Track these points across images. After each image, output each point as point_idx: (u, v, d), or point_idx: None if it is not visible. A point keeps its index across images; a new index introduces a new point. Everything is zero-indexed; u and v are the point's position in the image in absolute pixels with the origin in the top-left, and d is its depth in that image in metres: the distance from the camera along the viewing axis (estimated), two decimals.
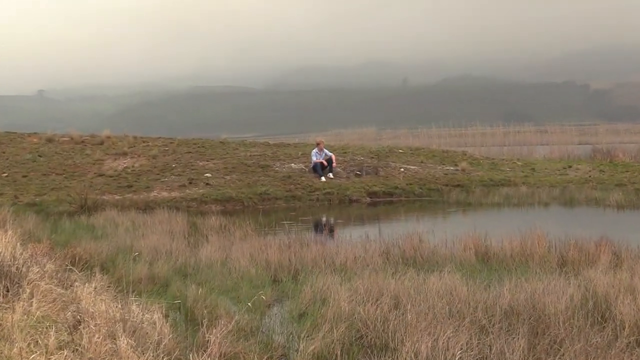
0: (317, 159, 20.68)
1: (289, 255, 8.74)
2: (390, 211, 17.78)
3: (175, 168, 20.93)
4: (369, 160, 22.74)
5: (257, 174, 20.42)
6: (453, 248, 9.14)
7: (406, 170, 21.87)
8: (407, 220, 14.72)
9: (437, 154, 25.89)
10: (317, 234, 12.03)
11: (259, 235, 10.86)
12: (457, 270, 7.52)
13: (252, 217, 13.53)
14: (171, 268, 8.51)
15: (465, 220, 14.62)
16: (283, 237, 10.22)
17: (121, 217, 13.71)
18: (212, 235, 10.99)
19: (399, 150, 25.95)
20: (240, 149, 24.21)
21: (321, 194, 18.92)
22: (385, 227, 13.59)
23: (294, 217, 15.57)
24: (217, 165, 21.21)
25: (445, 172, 22.03)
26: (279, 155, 22.87)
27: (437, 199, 18.92)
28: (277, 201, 18.45)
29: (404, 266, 8.10)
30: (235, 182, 19.53)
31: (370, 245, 9.36)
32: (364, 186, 19.60)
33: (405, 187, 19.74)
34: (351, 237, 10.67)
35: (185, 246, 9.96)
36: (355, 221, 15.06)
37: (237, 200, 18.14)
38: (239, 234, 11.00)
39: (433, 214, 16.48)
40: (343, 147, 26.75)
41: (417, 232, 9.71)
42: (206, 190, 18.74)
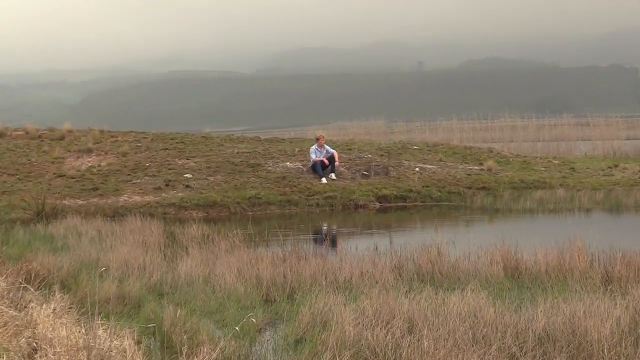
0: (316, 157, 20.70)
1: (283, 270, 8.73)
2: (403, 218, 17.75)
3: (149, 168, 20.94)
4: (378, 158, 22.75)
5: (246, 175, 20.44)
6: (477, 262, 9.13)
7: (422, 170, 21.89)
8: (423, 229, 14.72)
9: (459, 150, 25.91)
10: (317, 245, 12.03)
11: (248, 247, 10.86)
12: (482, 288, 7.51)
13: (241, 225, 13.53)
14: (144, 286, 8.50)
15: (491, 229, 14.60)
16: (277, 249, 10.21)
17: (85, 225, 13.70)
18: (193, 246, 10.98)
19: (414, 147, 25.95)
20: (226, 145, 24.23)
21: (322, 198, 18.93)
22: (397, 237, 13.56)
23: (290, 226, 15.57)
24: (198, 164, 21.23)
25: (468, 172, 22.06)
26: (271, 152, 22.90)
27: (459, 204, 18.93)
28: (269, 206, 18.46)
29: (420, 283, 8.09)
30: (220, 184, 19.54)
31: (379, 258, 9.36)
32: (372, 189, 19.62)
33: (421, 190, 19.76)
34: (357, 249, 10.65)
35: (161, 260, 9.96)
36: (362, 230, 15.08)
37: (222, 206, 18.14)
38: (224, 245, 11.00)
39: (454, 221, 16.47)
40: (347, 142, 26.77)
41: (435, 243, 9.71)
42: (186, 193, 18.75)
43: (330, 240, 13.60)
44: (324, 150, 20.96)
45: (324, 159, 20.65)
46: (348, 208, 18.79)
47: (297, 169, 21.10)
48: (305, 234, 14.29)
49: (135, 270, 9.25)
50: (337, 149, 22.71)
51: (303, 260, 9.25)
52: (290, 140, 26.83)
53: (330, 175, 20.52)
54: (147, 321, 6.90)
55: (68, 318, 6.22)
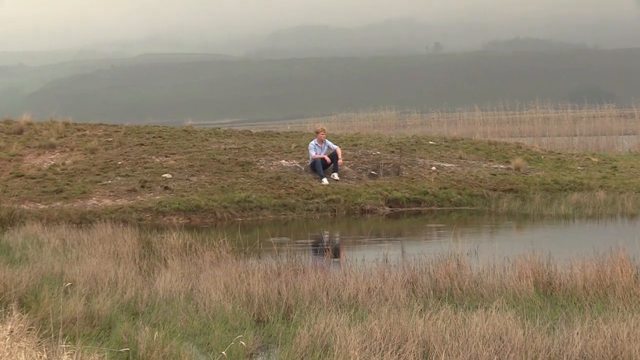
0: (317, 154, 20.72)
1: (278, 285, 8.74)
2: (417, 225, 17.74)
3: (122, 166, 20.96)
4: (388, 155, 22.77)
5: (234, 175, 20.45)
6: (504, 276, 9.14)
7: (439, 169, 21.90)
8: (440, 238, 14.72)
9: (482, 146, 25.90)
10: (318, 256, 12.02)
11: (237, 259, 10.86)
12: (509, 306, 7.51)
13: (228, 233, 13.54)
14: (116, 303, 8.51)
15: (520, 238, 14.60)
16: (270, 261, 10.22)
17: (47, 233, 13.70)
18: (173, 258, 10.99)
19: (430, 142, 25.95)
20: (211, 140, 24.24)
21: (322, 202, 18.94)
22: (410, 247, 13.56)
23: (286, 234, 15.58)
24: (179, 162, 21.25)
25: (492, 171, 22.07)
26: (264, 148, 22.91)
27: (482, 208, 18.93)
28: (262, 211, 18.46)
29: (437, 301, 8.10)
30: (204, 186, 19.55)
31: (389, 272, 9.36)
32: (382, 191, 19.62)
33: (438, 193, 19.76)
34: (364, 261, 10.66)
35: (135, 273, 9.96)
36: (370, 239, 15.09)
37: (206, 211, 18.15)
38: (209, 256, 11.01)
39: (476, 229, 16.46)
40: (352, 137, 26.75)
41: (455, 255, 9.71)
42: (165, 196, 18.77)
43: (333, 251, 13.61)
44: (325, 146, 20.97)
45: (325, 156, 20.66)
46: (353, 213, 18.78)
47: (294, 168, 21.11)
48: (303, 243, 14.28)
49: (106, 285, 9.26)
50: (340, 144, 22.69)
51: (301, 274, 9.25)
52: (286, 135, 26.83)
53: (333, 175, 20.53)
54: (119, 345, 6.90)
55: (27, 341, 6.22)
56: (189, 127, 27.02)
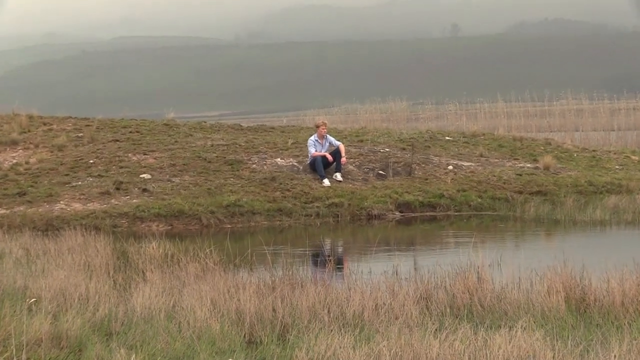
0: (317, 151, 20.74)
1: (273, 301, 8.74)
2: (431, 233, 17.73)
3: (94, 165, 20.97)
4: (399, 152, 22.78)
5: (222, 175, 20.46)
6: (531, 291, 9.14)
7: (457, 168, 21.91)
8: (458, 248, 14.71)
9: (506, 142, 25.91)
10: (318, 268, 12.02)
11: (225, 271, 10.86)
12: (537, 325, 7.50)
13: (216, 242, 13.54)
14: (88, 322, 8.50)
15: (549, 248, 14.59)
16: (264, 274, 10.22)
17: (8, 242, 13.69)
18: (153, 270, 10.99)
19: (446, 138, 25.96)
20: (196, 135, 24.26)
21: (323, 206, 18.95)
22: (424, 258, 13.55)
23: (282, 242, 15.57)
24: (160, 160, 21.26)
25: (518, 171, 22.08)
26: (257, 145, 22.93)
27: (506, 213, 18.93)
28: (254, 217, 18.47)
29: (454, 319, 8.09)
30: (188, 188, 19.57)
31: (400, 286, 9.36)
32: (391, 193, 19.64)
33: (455, 196, 19.77)
34: (371, 274, 10.65)
35: (110, 288, 9.96)
36: (378, 249, 15.08)
37: (191, 216, 18.16)
38: (194, 268, 11.01)
39: (499, 237, 16.45)
40: (358, 132, 26.77)
41: (475, 266, 9.71)
42: (143, 200, 18.78)
43: (335, 262, 13.60)
44: (326, 143, 20.98)
45: (327, 154, 20.67)
46: (359, 219, 18.78)
47: (291, 168, 21.11)
48: (301, 253, 14.28)
49: (76, 302, 9.25)
50: (343, 140, 22.69)
51: (299, 289, 9.25)
52: (282, 129, 26.84)
53: (335, 175, 20.54)
54: None
55: None
56: (170, 120, 27.03)
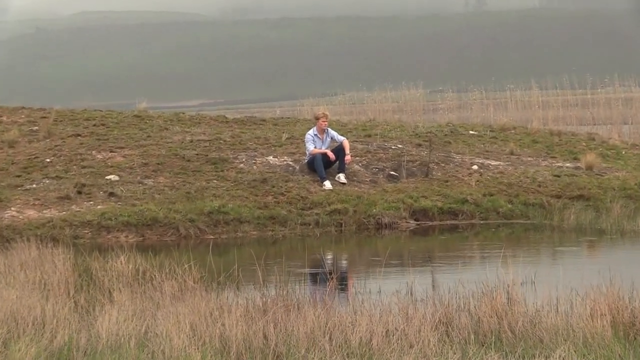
0: (316, 148, 20.70)
1: (264, 327, 8.72)
2: (453, 245, 17.70)
3: (51, 165, 20.95)
4: (414, 149, 22.76)
5: (204, 176, 20.44)
6: (571, 314, 9.12)
7: (482, 168, 21.89)
8: (484, 262, 14.69)
9: (541, 138, 25.91)
10: (317, 287, 12.00)
11: (208, 291, 10.85)
12: (578, 354, 7.48)
13: (196, 255, 13.51)
14: (44, 351, 8.48)
15: (593, 263, 14.56)
16: (253, 294, 10.20)
17: None
18: (121, 290, 10.97)
19: (470, 132, 25.96)
20: (172, 129, 24.24)
21: (324, 213, 18.93)
22: (443, 275, 13.52)
23: (275, 257, 15.54)
24: (129, 159, 21.24)
25: (556, 171, 22.07)
26: (245, 140, 22.91)
27: (541, 222, 18.90)
28: (241, 226, 18.44)
29: (479, 347, 8.08)
30: (163, 192, 19.54)
31: (416, 308, 9.34)
32: (405, 198, 19.62)
33: (481, 201, 19.75)
34: (380, 294, 10.62)
35: (70, 311, 9.94)
36: (389, 264, 15.05)
37: (166, 225, 18.13)
38: (170, 287, 10.99)
39: (533, 250, 16.42)
40: (365, 125, 26.76)
41: (504, 285, 9.70)
42: (110, 205, 18.75)
43: (338, 280, 13.59)
44: (327, 138, 20.95)
45: (328, 151, 20.64)
46: (366, 228, 18.76)
47: (286, 167, 21.10)
48: (298, 269, 14.25)
49: (30, 327, 9.23)
50: (348, 135, 22.66)
51: (295, 311, 9.23)
52: (275, 122, 26.82)
53: (338, 176, 20.52)
54: None
55: None
56: (142, 111, 27.02)
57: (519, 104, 41.42)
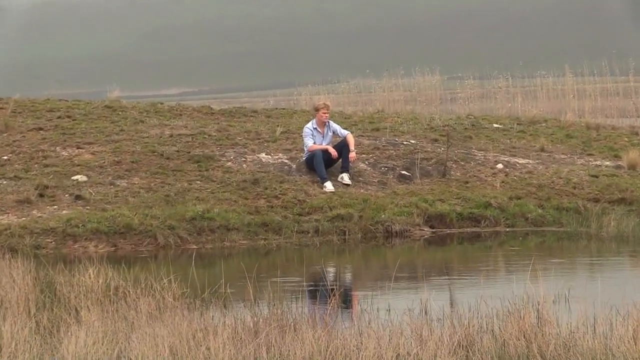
0: (315, 144, 20.68)
1: (255, 351, 8.72)
2: (473, 256, 17.69)
3: (9, 163, 20.94)
4: (429, 146, 22.75)
5: (186, 177, 20.43)
6: (610, 336, 9.11)
7: (509, 167, 21.88)
8: (510, 276, 14.69)
9: (577, 132, 25.91)
10: (317, 305, 11.99)
11: (190, 309, 10.84)
12: None
13: (177, 268, 13.51)
14: None
15: (636, 277, 14.54)
16: (243, 313, 10.20)
17: None
18: (90, 308, 10.96)
19: (494, 125, 25.96)
20: (149, 121, 24.23)
21: (325, 219, 18.92)
22: (463, 291, 13.52)
23: (267, 270, 15.54)
24: (99, 156, 21.23)
25: (593, 171, 22.05)
26: (233, 135, 22.90)
27: (577, 229, 18.87)
28: (229, 234, 18.43)
29: None
30: (138, 194, 19.53)
31: (431, 330, 9.33)
32: (418, 202, 19.61)
33: (507, 205, 19.73)
34: (390, 313, 10.62)
35: (31, 332, 9.92)
36: (400, 278, 15.06)
37: (142, 233, 18.12)
38: (146, 305, 10.98)
39: (567, 262, 16.41)
40: (372, 117, 26.76)
41: (534, 302, 9.69)
42: (76, 210, 18.74)
43: (341, 296, 13.58)
44: (328, 132, 20.93)
45: (330, 147, 20.63)
46: (373, 237, 18.76)
47: (280, 166, 21.09)
48: (295, 283, 14.24)
49: None
50: (353, 128, 22.67)
51: (291, 333, 9.23)
52: (268, 114, 26.81)
53: (341, 176, 20.51)
54: None
55: None
56: (114, 101, 27.02)
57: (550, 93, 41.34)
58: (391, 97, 40.15)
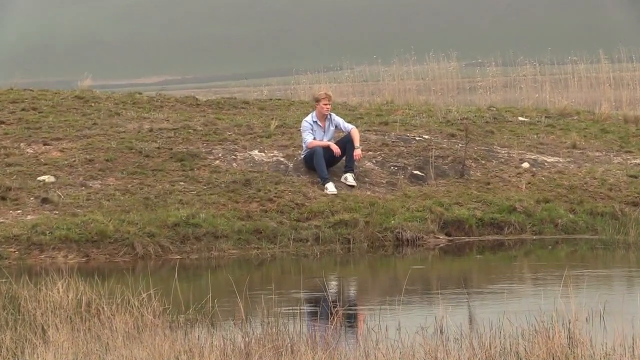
0: (316, 139, 20.68)
1: None
2: (496, 267, 17.69)
3: None
4: (444, 142, 22.75)
5: (168, 177, 20.43)
6: None
7: (536, 166, 21.88)
8: (537, 290, 14.71)
9: (613, 126, 25.89)
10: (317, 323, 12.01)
11: (172, 328, 10.85)
12: None
13: (157, 281, 13.51)
14: None
15: None
16: (233, 332, 10.21)
17: None
18: (58, 326, 10.96)
19: (519, 118, 25.95)
20: (126, 114, 24.22)
21: (326, 226, 18.93)
22: (484, 307, 13.53)
23: (261, 283, 15.54)
24: (69, 154, 21.22)
25: (632, 171, 22.04)
26: (222, 130, 22.89)
27: (613, 237, 18.84)
28: (217, 242, 18.43)
29: None
30: (113, 197, 19.53)
31: (447, 351, 9.35)
32: (433, 206, 19.61)
33: (534, 210, 19.74)
34: (400, 332, 10.62)
35: None
36: (412, 292, 15.08)
37: (118, 241, 18.12)
38: (123, 323, 10.98)
39: (602, 274, 16.40)
40: (380, 109, 26.74)
41: (564, 320, 9.71)
42: (43, 216, 18.74)
43: (344, 314, 13.60)
44: (330, 126, 20.92)
45: (331, 143, 20.63)
46: (381, 246, 18.77)
47: (275, 165, 21.10)
48: (292, 299, 14.26)
49: None
50: (358, 122, 22.68)
51: (287, 355, 9.25)
52: (261, 105, 26.80)
53: (345, 177, 20.52)
54: None
55: None
56: (86, 91, 26.99)
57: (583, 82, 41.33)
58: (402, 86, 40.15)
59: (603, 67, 41.32)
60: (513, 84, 43.72)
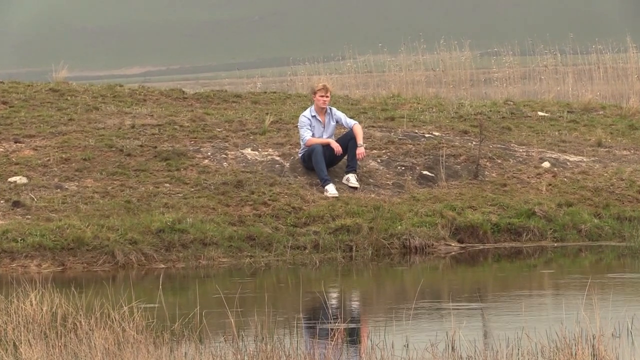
0: (314, 136, 20.70)
1: None
2: (513, 277, 17.71)
3: None
4: (456, 139, 22.77)
5: (152, 179, 20.45)
6: None
7: (557, 166, 21.89)
8: (558, 302, 14.73)
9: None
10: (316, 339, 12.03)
11: (157, 344, 10.87)
12: None
13: (141, 293, 13.53)
14: None
15: None
16: (223, 349, 10.23)
17: None
18: (32, 342, 10.98)
19: (539, 113, 25.95)
20: (106, 108, 24.22)
21: (326, 232, 18.95)
22: (499, 321, 13.55)
23: (255, 294, 15.56)
24: (43, 152, 21.24)
25: None
26: (211, 126, 22.90)
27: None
28: (206, 250, 18.45)
29: None
30: (92, 200, 19.55)
31: None
32: (443, 209, 19.63)
33: (555, 214, 19.75)
34: (407, 349, 10.64)
35: None
36: (421, 305, 15.10)
37: (97, 249, 18.13)
38: (102, 339, 11.00)
39: (629, 285, 16.43)
40: (386, 103, 26.76)
41: (589, 336, 9.72)
42: (14, 220, 18.76)
43: (347, 329, 13.63)
44: (330, 122, 20.93)
45: (332, 140, 20.65)
46: (387, 254, 18.78)
47: (270, 165, 21.12)
48: (288, 312, 14.28)
49: None
50: (361, 117, 22.69)
51: None
52: (255, 99, 26.81)
53: (347, 177, 20.54)
54: None
55: None
56: (61, 83, 27.00)
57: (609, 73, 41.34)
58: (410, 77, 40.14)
59: (631, 57, 41.29)
60: (532, 76, 43.74)
